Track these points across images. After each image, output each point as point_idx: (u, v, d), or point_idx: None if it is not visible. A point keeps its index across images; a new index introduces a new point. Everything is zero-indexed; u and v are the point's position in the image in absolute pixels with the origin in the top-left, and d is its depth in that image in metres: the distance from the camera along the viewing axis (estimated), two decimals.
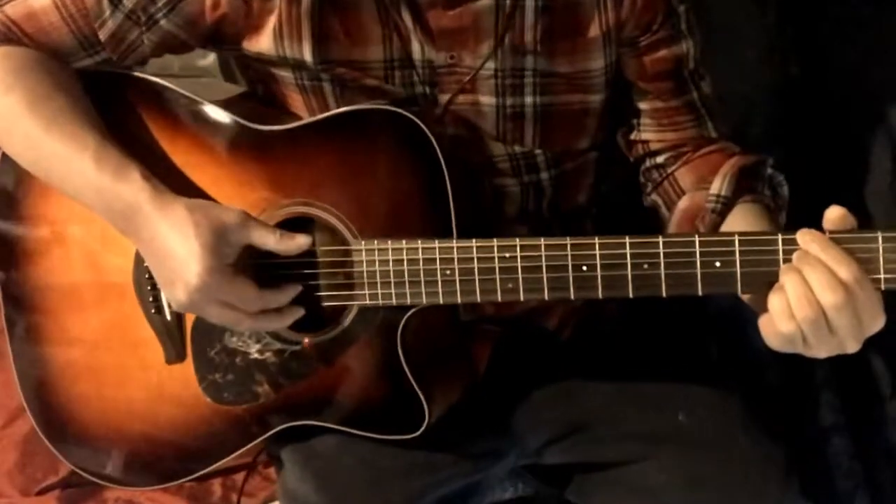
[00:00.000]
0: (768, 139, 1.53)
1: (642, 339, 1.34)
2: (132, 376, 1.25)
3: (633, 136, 1.26)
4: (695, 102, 1.23)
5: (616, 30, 1.17)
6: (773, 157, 1.21)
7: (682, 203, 1.22)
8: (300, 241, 1.13)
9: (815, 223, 1.01)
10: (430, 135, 1.10)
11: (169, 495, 1.65)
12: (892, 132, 1.44)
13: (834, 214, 0.99)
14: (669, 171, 1.25)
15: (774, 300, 0.99)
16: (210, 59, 1.67)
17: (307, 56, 1.15)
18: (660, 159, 1.25)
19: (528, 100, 1.19)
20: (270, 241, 1.12)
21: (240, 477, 1.62)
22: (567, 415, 1.26)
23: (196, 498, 1.65)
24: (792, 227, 1.19)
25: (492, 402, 1.27)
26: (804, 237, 0.99)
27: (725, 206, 1.17)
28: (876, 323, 0.98)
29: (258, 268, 1.15)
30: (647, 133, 1.24)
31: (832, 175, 1.51)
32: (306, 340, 1.18)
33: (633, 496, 1.22)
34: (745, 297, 1.12)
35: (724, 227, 1.17)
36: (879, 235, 0.98)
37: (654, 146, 1.25)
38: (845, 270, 0.96)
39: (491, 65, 1.17)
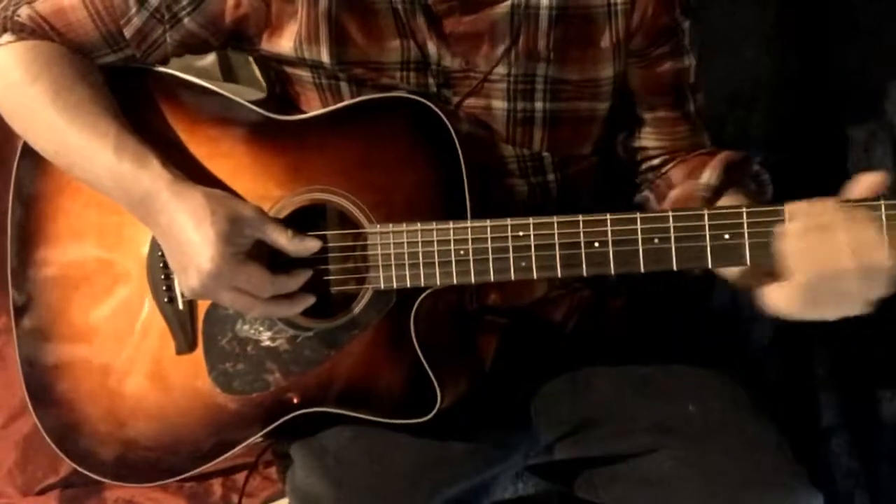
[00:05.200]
0: (768, 139, 1.58)
1: (647, 334, 1.36)
2: (140, 367, 1.25)
3: (632, 143, 1.31)
4: (692, 114, 1.30)
5: (626, 41, 1.23)
6: (760, 157, 1.27)
7: (673, 193, 1.28)
8: (310, 245, 1.16)
9: None
10: (445, 120, 1.14)
11: (169, 495, 1.62)
12: (892, 131, 1.50)
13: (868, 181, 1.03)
14: (664, 171, 1.31)
15: (784, 250, 1.02)
16: (209, 59, 1.68)
17: (325, 58, 1.21)
18: (656, 162, 1.31)
19: (538, 105, 1.24)
20: (282, 240, 1.15)
21: (240, 477, 1.61)
22: (576, 410, 1.27)
23: (196, 498, 1.63)
24: None
25: (500, 396, 1.28)
26: (809, 202, 1.04)
27: (715, 196, 1.23)
28: (879, 253, 0.99)
29: (271, 255, 1.17)
30: (647, 140, 1.30)
31: (833, 174, 1.54)
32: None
33: (643, 487, 1.22)
34: (742, 282, 1.14)
35: None
36: (882, 203, 1.02)
37: (652, 152, 1.31)
38: (842, 214, 1.00)
39: (504, 70, 1.22)
